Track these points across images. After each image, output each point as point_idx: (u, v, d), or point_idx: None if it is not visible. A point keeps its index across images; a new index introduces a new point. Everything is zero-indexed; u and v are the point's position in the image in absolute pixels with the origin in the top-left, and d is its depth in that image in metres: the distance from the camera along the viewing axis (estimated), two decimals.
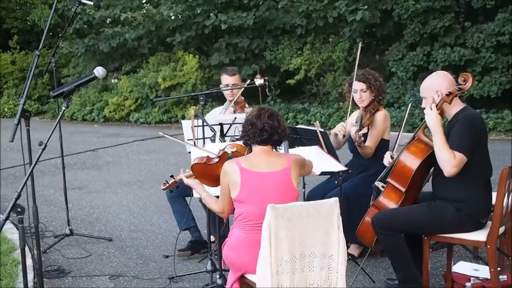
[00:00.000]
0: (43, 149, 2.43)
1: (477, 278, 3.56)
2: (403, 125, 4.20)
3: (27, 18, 17.44)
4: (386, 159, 3.83)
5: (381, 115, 4.26)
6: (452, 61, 10.30)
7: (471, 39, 10.38)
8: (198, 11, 12.65)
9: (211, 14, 12.77)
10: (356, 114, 4.45)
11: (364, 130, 4.30)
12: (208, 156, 3.18)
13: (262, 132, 2.94)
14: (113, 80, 14.62)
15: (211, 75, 13.04)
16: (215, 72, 12.82)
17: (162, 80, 12.83)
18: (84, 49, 14.48)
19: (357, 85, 4.26)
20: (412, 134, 3.73)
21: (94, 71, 2.75)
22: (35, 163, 2.47)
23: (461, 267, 3.74)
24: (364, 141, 4.23)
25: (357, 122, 4.23)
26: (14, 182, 7.45)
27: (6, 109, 15.80)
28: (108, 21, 14.90)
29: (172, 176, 3.44)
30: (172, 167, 7.39)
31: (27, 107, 15.47)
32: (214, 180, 3.11)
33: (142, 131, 12.41)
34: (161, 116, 13.26)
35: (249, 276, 2.94)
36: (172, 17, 13.30)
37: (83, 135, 11.74)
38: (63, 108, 2.55)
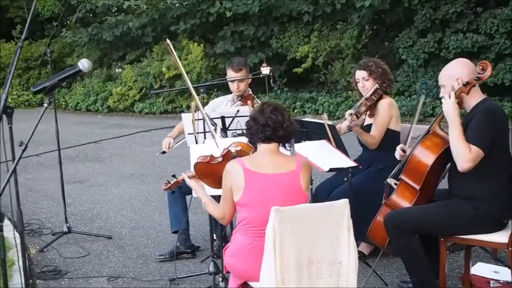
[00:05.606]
0: (23, 150, 2.22)
1: (497, 281, 3.35)
2: (416, 118, 3.94)
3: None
4: (398, 153, 3.62)
5: (384, 103, 4.03)
6: (465, 48, 9.98)
7: (484, 25, 10.05)
8: None
9: (216, 1, 12.50)
10: None
11: (370, 121, 4.09)
12: (212, 155, 2.97)
13: (265, 128, 2.71)
14: (116, 70, 14.41)
15: (217, 64, 12.80)
16: (220, 60, 12.58)
17: (167, 70, 12.61)
18: (88, 38, 14.28)
19: (358, 74, 4.10)
20: (424, 126, 3.49)
21: (79, 63, 2.54)
22: (16, 163, 2.26)
23: (480, 269, 3.52)
24: (369, 131, 4.03)
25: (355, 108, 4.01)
26: None
27: (10, 99, 15.63)
28: (111, 10, 14.66)
29: (174, 176, 3.24)
30: (176, 159, 7.16)
31: (30, 98, 15.40)
32: (217, 181, 2.90)
33: (146, 121, 12.22)
34: (166, 106, 13.05)
35: (252, 284, 2.73)
36: (176, 5, 13.04)
37: (87, 126, 11.56)
38: (45, 105, 2.32)
